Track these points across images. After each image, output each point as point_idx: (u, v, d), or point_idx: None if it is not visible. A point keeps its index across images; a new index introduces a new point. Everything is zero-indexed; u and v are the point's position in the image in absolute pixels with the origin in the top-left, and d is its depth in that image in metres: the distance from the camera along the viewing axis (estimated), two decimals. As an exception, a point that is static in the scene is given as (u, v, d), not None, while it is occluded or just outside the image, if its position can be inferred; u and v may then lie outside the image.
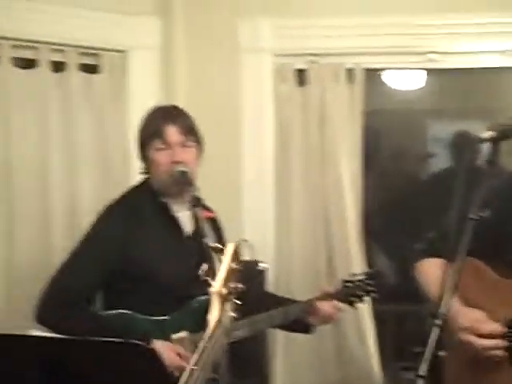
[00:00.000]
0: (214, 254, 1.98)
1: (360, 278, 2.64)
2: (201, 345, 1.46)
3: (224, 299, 1.58)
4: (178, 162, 2.36)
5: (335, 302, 2.55)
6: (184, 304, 2.39)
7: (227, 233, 3.32)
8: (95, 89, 3.26)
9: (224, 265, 1.64)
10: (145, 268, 2.36)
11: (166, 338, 2.32)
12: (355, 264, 3.26)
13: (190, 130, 2.45)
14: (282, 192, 3.41)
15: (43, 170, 3.12)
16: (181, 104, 3.48)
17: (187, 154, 2.40)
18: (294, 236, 3.36)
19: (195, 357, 1.43)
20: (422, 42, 3.32)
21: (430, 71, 3.73)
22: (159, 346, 2.17)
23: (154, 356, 1.86)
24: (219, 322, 1.52)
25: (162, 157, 2.39)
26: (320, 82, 3.36)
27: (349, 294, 2.60)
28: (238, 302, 1.64)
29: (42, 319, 2.31)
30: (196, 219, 2.33)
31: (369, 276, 2.66)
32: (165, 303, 2.35)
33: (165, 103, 3.40)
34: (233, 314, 1.60)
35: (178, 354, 2.28)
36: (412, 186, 4.41)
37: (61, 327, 2.19)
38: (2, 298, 3.00)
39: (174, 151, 2.38)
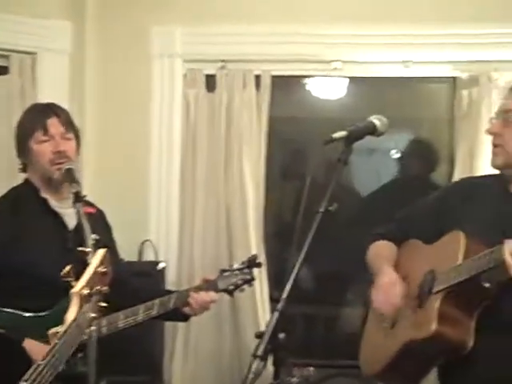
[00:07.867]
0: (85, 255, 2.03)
1: (238, 267, 2.71)
2: (52, 342, 1.51)
3: (84, 300, 1.63)
4: (60, 152, 2.46)
5: (210, 292, 2.61)
6: (64, 298, 2.43)
7: (134, 233, 3.39)
8: (4, 90, 3.28)
9: (90, 268, 1.70)
10: (26, 262, 2.40)
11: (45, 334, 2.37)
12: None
13: (70, 123, 2.56)
14: (187, 194, 3.47)
15: None
16: (91, 109, 3.54)
17: (68, 145, 2.51)
18: (197, 237, 3.44)
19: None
20: (326, 50, 3.43)
21: (352, 80, 3.74)
22: (31, 345, 2.20)
23: (20, 349, 1.91)
24: (74, 321, 1.57)
25: (44, 148, 2.48)
26: (228, 87, 3.44)
27: (226, 283, 2.67)
28: (102, 304, 1.71)
29: None
30: (78, 214, 2.42)
31: (247, 264, 2.72)
32: (48, 298, 2.38)
33: (74, 107, 3.46)
34: (93, 315, 1.66)
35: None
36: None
37: None
38: None
39: (56, 142, 2.48)
